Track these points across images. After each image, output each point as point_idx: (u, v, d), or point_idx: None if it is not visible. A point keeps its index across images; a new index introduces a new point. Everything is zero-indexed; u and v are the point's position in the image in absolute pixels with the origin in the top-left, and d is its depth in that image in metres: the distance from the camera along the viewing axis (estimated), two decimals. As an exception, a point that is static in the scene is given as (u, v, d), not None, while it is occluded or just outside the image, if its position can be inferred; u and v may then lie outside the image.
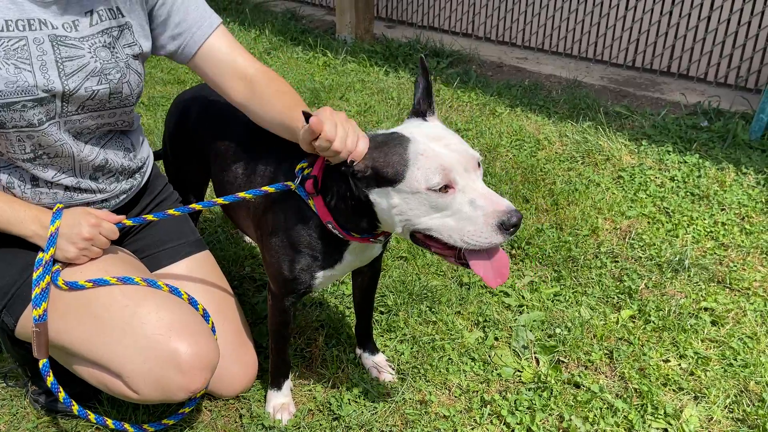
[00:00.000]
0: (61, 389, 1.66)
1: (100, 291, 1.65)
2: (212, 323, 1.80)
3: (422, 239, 1.46)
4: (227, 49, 1.77)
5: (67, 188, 1.71)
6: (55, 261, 1.66)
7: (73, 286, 1.63)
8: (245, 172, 1.82)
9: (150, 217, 1.76)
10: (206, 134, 1.98)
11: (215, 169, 1.93)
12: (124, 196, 1.86)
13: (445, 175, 1.36)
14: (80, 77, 1.56)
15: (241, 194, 1.65)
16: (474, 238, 1.36)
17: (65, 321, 1.63)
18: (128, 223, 1.76)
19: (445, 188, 1.36)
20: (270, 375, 1.93)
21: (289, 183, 1.61)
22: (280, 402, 1.93)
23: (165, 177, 2.11)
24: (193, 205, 1.75)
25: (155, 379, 1.60)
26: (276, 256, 1.69)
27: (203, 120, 2.00)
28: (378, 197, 1.44)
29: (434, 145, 1.40)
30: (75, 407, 1.70)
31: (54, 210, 1.65)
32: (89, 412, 1.73)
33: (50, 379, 1.64)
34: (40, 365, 1.63)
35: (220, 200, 1.70)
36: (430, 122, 1.54)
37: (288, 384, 1.95)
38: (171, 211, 1.74)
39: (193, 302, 1.78)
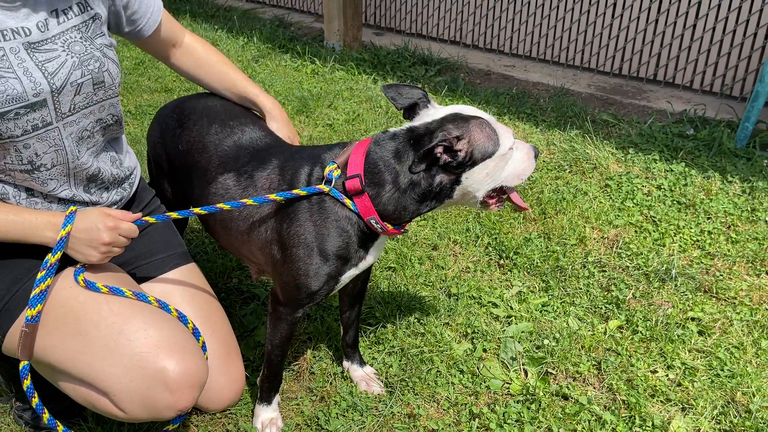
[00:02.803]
0: (35, 395, 1.65)
1: (88, 307, 1.63)
2: (202, 342, 1.78)
3: (487, 198, 1.72)
4: (168, 26, 2.02)
5: (61, 200, 1.72)
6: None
7: (91, 287, 1.64)
8: (238, 184, 1.80)
9: (174, 214, 1.75)
10: (187, 146, 1.96)
11: (197, 182, 1.91)
12: (115, 206, 1.85)
13: (511, 135, 1.68)
14: (64, 73, 1.58)
15: (272, 196, 1.65)
16: (526, 173, 1.72)
17: (52, 337, 1.62)
18: (152, 221, 1.76)
19: None
20: (260, 390, 1.91)
21: (322, 186, 1.63)
22: (269, 417, 1.92)
23: (152, 190, 2.10)
24: (220, 205, 1.69)
25: (142, 397, 1.58)
26: (303, 267, 1.68)
27: (183, 131, 1.98)
28: (475, 173, 1.63)
29: (488, 116, 1.67)
30: (45, 415, 1.68)
31: (67, 213, 1.63)
32: (58, 423, 1.71)
33: (27, 383, 1.63)
34: (20, 366, 1.62)
35: (249, 201, 1.68)
36: (443, 106, 1.74)
37: (277, 399, 1.94)
38: (197, 210, 1.73)
39: (183, 319, 1.76)
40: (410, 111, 1.74)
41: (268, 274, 1.90)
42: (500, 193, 1.75)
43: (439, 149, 1.56)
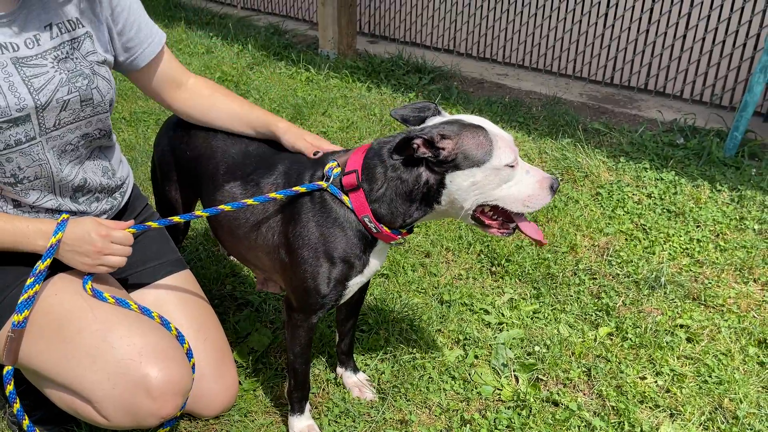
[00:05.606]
0: (17, 401, 1.67)
1: (73, 315, 1.64)
2: (188, 346, 1.79)
3: (479, 215, 1.67)
4: (169, 64, 1.93)
5: (48, 210, 1.72)
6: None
7: (98, 296, 1.66)
8: (245, 192, 1.82)
9: (177, 218, 1.76)
10: (196, 156, 1.98)
11: (207, 190, 1.93)
12: (105, 216, 1.86)
13: (514, 153, 1.61)
14: (50, 90, 1.57)
15: (272, 194, 1.68)
16: (533, 202, 1.63)
17: (37, 344, 1.63)
18: (154, 225, 1.77)
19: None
20: (290, 401, 1.91)
21: (321, 183, 1.66)
22: (306, 424, 1.91)
23: (146, 198, 2.12)
24: (222, 206, 1.73)
25: (125, 404, 1.59)
26: (310, 270, 1.69)
27: (193, 142, 2.01)
28: (459, 178, 1.60)
29: (497, 130, 1.64)
30: (26, 421, 1.70)
31: (59, 221, 1.64)
32: (37, 429, 1.72)
33: (10, 388, 1.64)
34: (4, 372, 1.64)
35: (250, 201, 1.71)
36: (453, 116, 1.72)
37: (308, 407, 1.93)
38: (199, 212, 1.77)
39: (165, 323, 1.77)
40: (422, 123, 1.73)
41: (276, 281, 1.92)
42: (505, 217, 1.69)
43: (418, 141, 1.56)
